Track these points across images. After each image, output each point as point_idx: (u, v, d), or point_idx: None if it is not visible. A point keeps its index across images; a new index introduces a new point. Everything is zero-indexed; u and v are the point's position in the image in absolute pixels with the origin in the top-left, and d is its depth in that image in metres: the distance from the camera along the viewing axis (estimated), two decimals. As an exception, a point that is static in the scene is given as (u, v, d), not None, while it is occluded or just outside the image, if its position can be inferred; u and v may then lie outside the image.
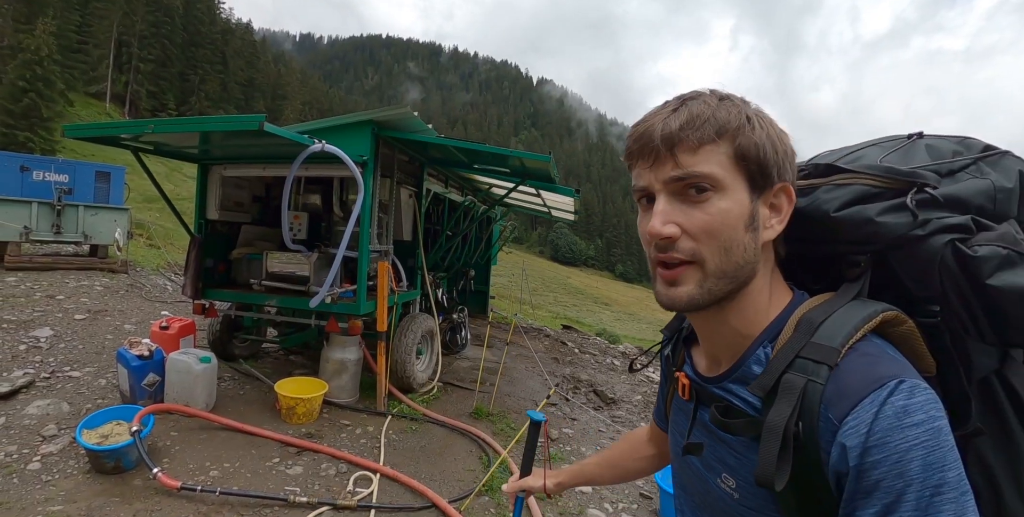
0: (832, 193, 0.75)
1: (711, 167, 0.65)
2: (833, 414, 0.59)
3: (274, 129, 3.33)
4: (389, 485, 3.60)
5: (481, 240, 9.92)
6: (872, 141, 0.84)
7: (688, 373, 0.84)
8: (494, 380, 5.91)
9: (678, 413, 0.90)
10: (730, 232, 0.66)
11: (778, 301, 0.73)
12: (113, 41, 56.37)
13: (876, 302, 0.68)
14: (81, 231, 9.07)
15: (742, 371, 0.71)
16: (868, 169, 0.74)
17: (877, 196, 0.72)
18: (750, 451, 0.68)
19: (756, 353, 0.70)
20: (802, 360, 0.63)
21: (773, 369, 0.64)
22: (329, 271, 4.19)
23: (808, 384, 0.61)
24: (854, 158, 0.79)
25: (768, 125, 0.68)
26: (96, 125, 3.89)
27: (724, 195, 0.66)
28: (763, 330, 0.71)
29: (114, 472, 3.33)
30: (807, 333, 0.65)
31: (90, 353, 5.44)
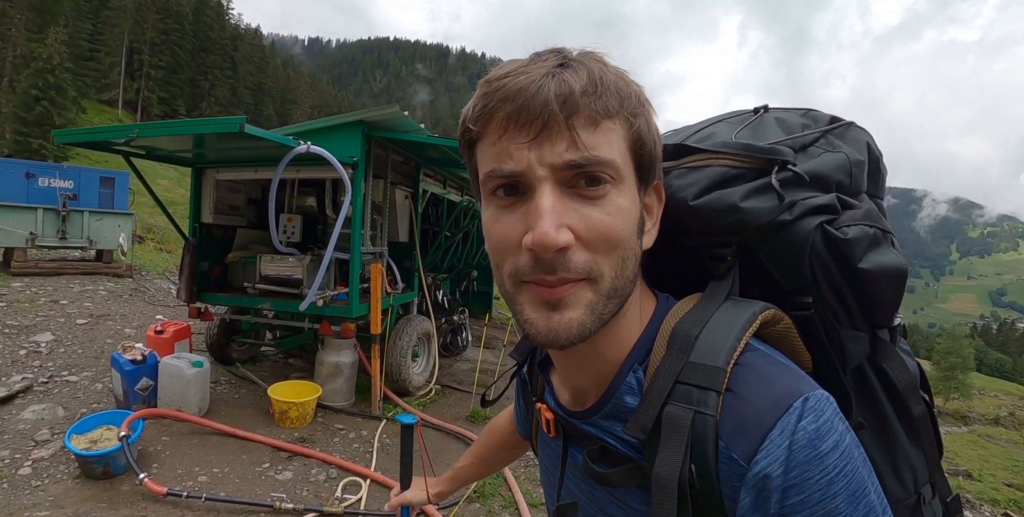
0: (687, 178, 0.63)
1: (613, 152, 0.50)
2: (738, 454, 0.48)
3: (255, 131, 3.30)
4: (379, 491, 3.55)
5: (482, 240, 9.87)
6: (717, 117, 0.75)
7: (551, 405, 0.70)
8: (492, 382, 5.84)
9: (545, 448, 0.77)
10: (628, 239, 0.52)
11: (642, 312, 0.60)
12: (124, 48, 57.19)
13: (750, 301, 0.58)
14: (86, 236, 9.14)
15: (613, 404, 0.58)
16: (725, 147, 0.63)
17: (737, 178, 0.61)
18: (636, 501, 0.58)
19: (627, 380, 0.57)
20: (683, 387, 0.52)
21: (650, 402, 0.53)
22: (319, 273, 4.15)
23: (696, 417, 0.50)
24: (704, 136, 0.69)
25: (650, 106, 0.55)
26: (84, 131, 3.89)
27: (621, 190, 0.51)
28: (630, 350, 0.58)
29: (103, 477, 3.32)
30: (683, 351, 0.53)
31: (89, 358, 5.46)
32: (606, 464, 0.59)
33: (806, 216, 0.59)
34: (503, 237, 0.52)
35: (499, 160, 0.51)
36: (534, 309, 0.52)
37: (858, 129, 0.70)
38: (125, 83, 57.63)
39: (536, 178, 0.49)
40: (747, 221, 0.59)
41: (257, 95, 77.85)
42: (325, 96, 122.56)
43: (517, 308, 0.54)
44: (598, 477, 0.59)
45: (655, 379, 0.54)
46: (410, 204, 5.91)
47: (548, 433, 0.71)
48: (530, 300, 0.52)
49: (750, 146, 0.62)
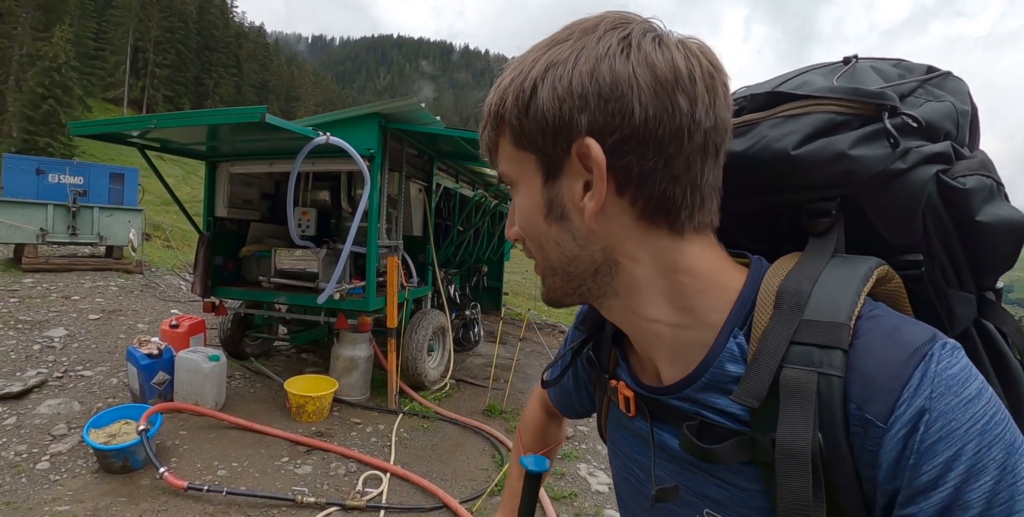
0: (783, 127, 0.58)
1: (503, 164, 0.57)
2: (872, 413, 0.44)
3: (276, 121, 3.25)
4: (399, 485, 3.51)
5: (494, 235, 9.81)
6: (803, 69, 0.69)
7: (628, 382, 0.66)
8: (507, 377, 5.81)
9: (621, 431, 0.71)
10: (531, 227, 0.57)
11: (726, 276, 0.56)
12: (129, 47, 57.34)
13: (859, 257, 0.54)
14: (96, 232, 9.13)
15: (712, 374, 0.53)
16: (831, 92, 0.57)
17: (842, 125, 0.56)
18: (743, 478, 0.53)
19: (728, 346, 0.53)
20: (801, 347, 0.47)
21: (762, 367, 0.48)
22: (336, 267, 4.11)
23: (821, 380, 0.46)
24: (797, 85, 0.63)
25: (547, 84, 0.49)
26: (100, 122, 3.85)
27: (517, 190, 0.57)
28: (727, 315, 0.54)
29: (122, 471, 3.29)
30: (795, 309, 0.49)
31: (103, 352, 5.44)
32: (708, 441, 0.53)
33: (921, 165, 0.54)
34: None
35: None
36: None
37: (956, 79, 0.64)
38: (130, 81, 57.83)
39: None
40: (857, 170, 0.54)
41: (261, 93, 78.02)
42: (329, 93, 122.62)
43: None
44: (700, 453, 0.53)
45: (764, 342, 0.49)
46: (424, 198, 5.86)
47: (626, 412, 0.66)
48: None
49: (859, 90, 0.56)
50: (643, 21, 0.51)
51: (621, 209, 0.52)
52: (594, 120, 0.48)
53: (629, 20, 0.51)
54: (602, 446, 4.76)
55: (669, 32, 0.51)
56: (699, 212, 0.53)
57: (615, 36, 0.49)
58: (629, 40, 0.49)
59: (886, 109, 0.55)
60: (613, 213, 0.52)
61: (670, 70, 0.48)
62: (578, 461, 4.30)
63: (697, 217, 0.53)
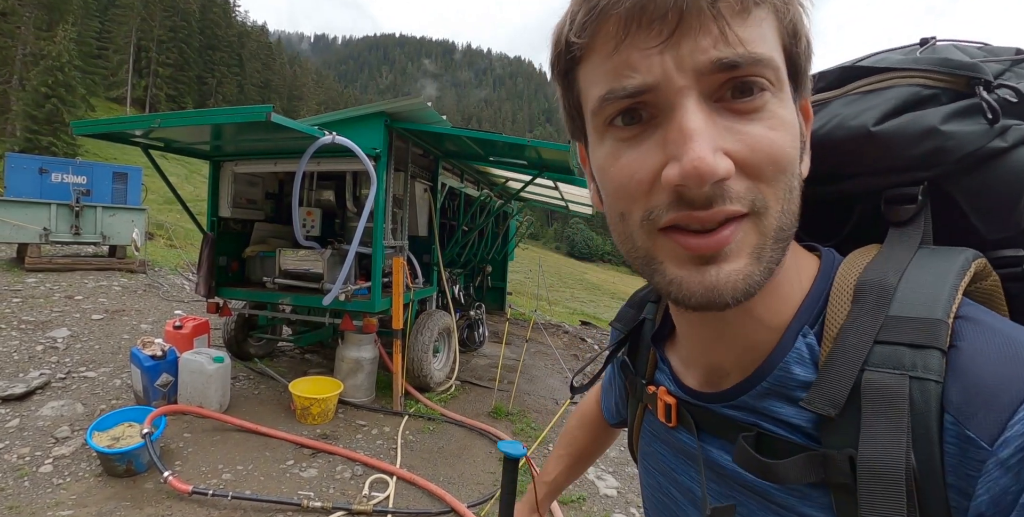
0: (860, 103, 0.52)
1: (770, 47, 0.38)
2: (976, 431, 0.35)
3: (282, 120, 3.21)
4: (406, 488, 3.47)
5: (498, 236, 9.78)
6: (884, 49, 0.62)
7: (670, 388, 0.58)
8: (513, 378, 5.76)
9: (656, 445, 0.63)
10: (795, 161, 0.41)
11: (798, 267, 0.48)
12: (132, 46, 57.33)
13: (952, 248, 0.46)
14: (99, 232, 9.11)
15: (775, 378, 0.46)
16: (917, 63, 0.51)
17: (930, 99, 0.49)
18: (809, 505, 0.44)
19: (796, 346, 0.45)
20: (887, 347, 0.40)
21: (838, 368, 0.41)
22: (342, 268, 4.07)
23: (914, 385, 0.38)
24: (874, 61, 0.57)
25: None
26: (104, 121, 3.80)
27: (782, 99, 0.40)
28: (795, 311, 0.46)
29: (126, 475, 3.25)
30: (880, 303, 0.42)
31: (106, 353, 5.41)
32: (767, 456, 0.45)
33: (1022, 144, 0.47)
34: (629, 177, 0.40)
35: (618, 75, 0.39)
36: (680, 266, 0.40)
37: None
38: (133, 81, 57.82)
39: (675, 91, 0.37)
40: (949, 148, 0.47)
41: (264, 92, 78.00)
42: (331, 92, 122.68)
43: (655, 268, 0.42)
44: (759, 469, 0.45)
45: (842, 340, 0.42)
46: (429, 197, 5.82)
47: (665, 422, 0.58)
48: (674, 255, 0.40)
49: (949, 61, 0.50)
50: None
51: None
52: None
53: None
54: (610, 449, 4.71)
55: None
56: None
57: None
58: None
59: (980, 83, 0.48)
60: None
61: None
62: (586, 464, 4.25)
63: None
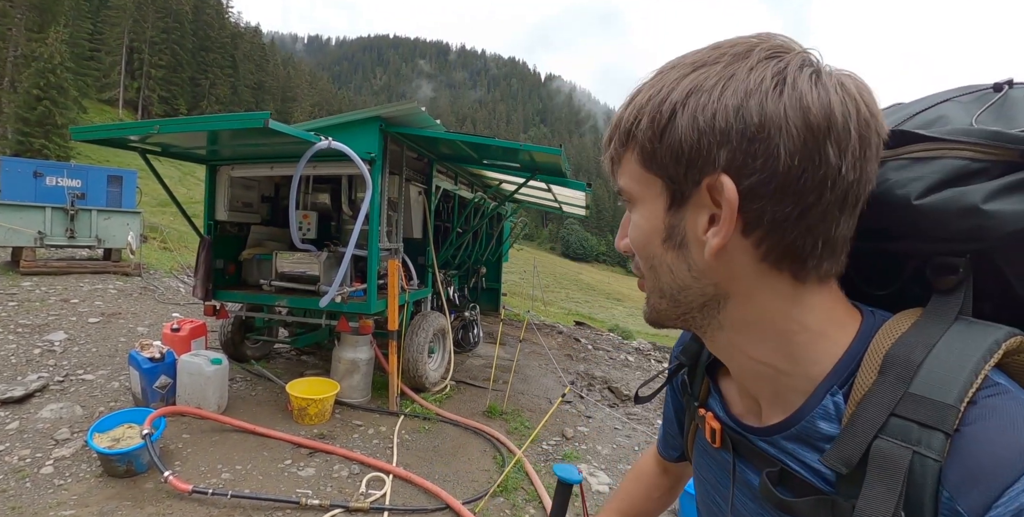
0: (909, 171, 0.52)
1: (624, 180, 0.55)
2: (965, 507, 0.41)
3: (279, 126, 3.28)
4: (402, 486, 3.54)
5: (492, 237, 9.85)
6: (943, 95, 0.61)
7: (718, 413, 0.66)
8: (507, 378, 5.84)
9: (706, 458, 0.72)
10: (647, 249, 0.55)
11: (837, 327, 0.52)
12: (124, 48, 57.14)
13: (989, 325, 0.48)
14: (94, 235, 9.12)
15: (803, 427, 0.52)
16: (966, 135, 0.50)
17: (979, 173, 0.49)
18: None
19: (823, 403, 0.51)
20: (900, 421, 0.45)
21: (857, 433, 0.46)
22: (339, 270, 4.14)
23: (916, 459, 0.43)
24: (930, 120, 0.57)
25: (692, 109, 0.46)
26: (102, 127, 3.86)
27: (635, 208, 0.55)
28: (829, 370, 0.51)
29: (126, 475, 3.31)
30: (902, 379, 0.46)
31: (103, 356, 5.45)
32: (787, 491, 0.54)
33: None
34: None
35: None
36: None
37: None
38: (125, 82, 57.61)
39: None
40: (990, 227, 0.47)
41: (257, 93, 77.81)
42: (326, 94, 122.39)
43: None
44: (780, 504, 0.54)
45: (863, 407, 0.47)
46: (423, 200, 5.89)
47: (712, 443, 0.67)
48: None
49: (1001, 134, 0.48)
50: (800, 52, 0.47)
51: (744, 249, 0.49)
52: (733, 158, 0.45)
53: (786, 49, 0.47)
54: (602, 446, 4.80)
55: (827, 67, 0.47)
56: (827, 262, 0.50)
57: (770, 68, 0.45)
58: (784, 75, 0.45)
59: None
60: (735, 252, 0.49)
61: (824, 116, 0.44)
62: (578, 462, 4.33)
63: (824, 266, 0.50)
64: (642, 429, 5.51)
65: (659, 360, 11.57)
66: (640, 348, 13.07)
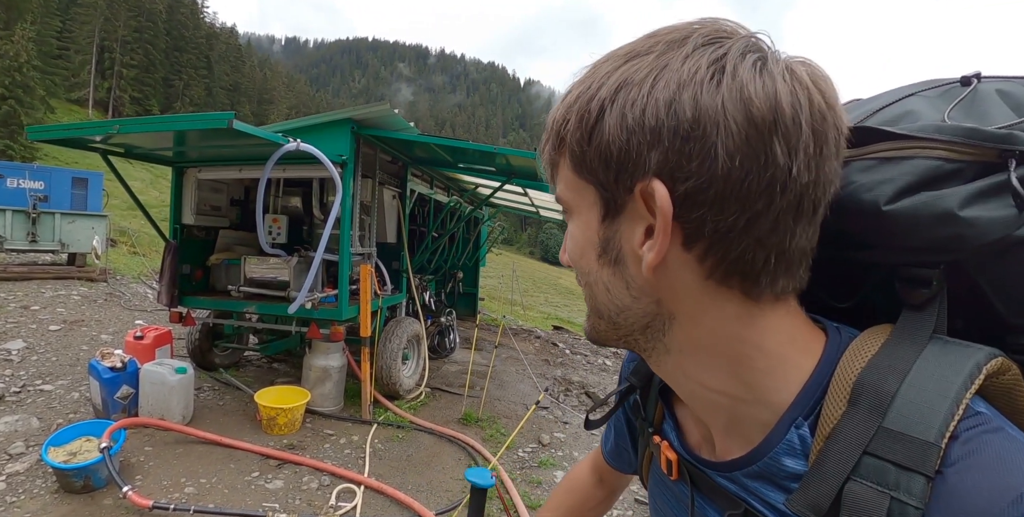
0: (876, 172, 0.47)
1: (560, 187, 0.50)
2: None
3: (244, 127, 3.19)
4: (373, 498, 3.46)
5: (469, 241, 9.79)
6: (906, 89, 0.56)
7: (674, 444, 0.61)
8: (483, 384, 5.78)
9: (662, 488, 0.67)
10: (582, 263, 0.50)
11: (799, 349, 0.47)
12: (95, 46, 55.83)
13: (966, 345, 0.43)
14: (58, 239, 8.84)
15: (766, 464, 0.47)
16: (939, 133, 0.45)
17: (952, 175, 0.44)
18: None
19: (788, 437, 0.46)
20: (875, 461, 0.40)
21: (826, 474, 0.42)
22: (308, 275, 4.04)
23: (894, 506, 0.38)
24: (896, 115, 0.51)
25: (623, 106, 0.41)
26: (61, 126, 3.71)
27: (572, 219, 0.51)
28: (793, 399, 0.46)
29: (83, 491, 3.16)
30: (875, 411, 0.41)
31: (64, 365, 5.25)
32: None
33: None
34: None
35: None
36: None
37: None
38: (96, 82, 56.25)
39: None
40: (968, 236, 0.42)
41: (233, 95, 76.66)
42: (303, 96, 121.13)
43: None
44: None
45: (832, 444, 0.42)
46: (398, 204, 5.81)
47: (669, 475, 0.61)
48: None
49: (977, 131, 0.44)
50: (745, 36, 0.41)
51: (686, 264, 0.44)
52: (665, 160, 0.40)
53: (727, 34, 0.41)
54: (579, 452, 4.76)
55: (776, 53, 0.41)
56: (783, 278, 0.44)
57: (707, 55, 0.40)
58: (723, 63, 0.39)
59: (1014, 156, 0.43)
60: (676, 267, 0.44)
61: (769, 108, 0.38)
62: (555, 469, 4.29)
63: (780, 283, 0.44)
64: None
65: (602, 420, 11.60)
66: (618, 352, 13.11)
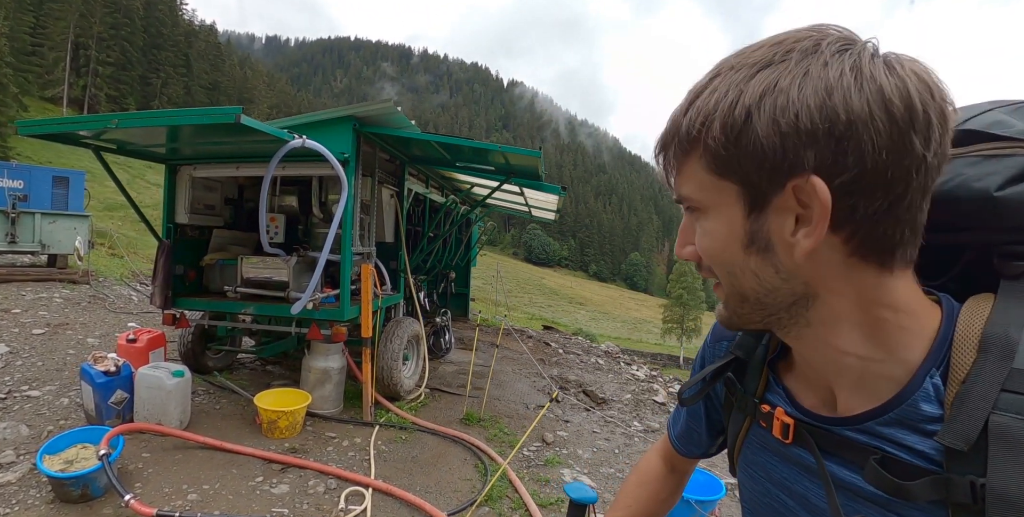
0: (982, 166, 0.56)
1: (689, 188, 0.55)
2: None
3: (252, 122, 3.10)
4: (383, 500, 3.39)
5: (462, 241, 9.73)
6: (984, 105, 0.64)
7: (787, 408, 0.65)
8: (481, 384, 5.73)
9: (766, 456, 0.69)
10: (724, 256, 0.54)
11: (922, 314, 0.54)
12: (70, 43, 54.53)
13: None
14: (38, 240, 8.58)
15: (903, 410, 0.52)
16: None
17: None
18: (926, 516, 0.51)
19: (924, 386, 0.51)
20: (1013, 395, 0.46)
21: (971, 409, 0.47)
22: (311, 275, 3.96)
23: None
24: (989, 123, 0.60)
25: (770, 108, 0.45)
26: (53, 120, 3.57)
27: (707, 215, 0.54)
28: (925, 354, 0.53)
29: (81, 500, 3.05)
30: (1005, 356, 0.48)
31: (50, 370, 5.08)
32: (897, 475, 0.52)
33: None
34: None
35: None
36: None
37: None
38: (71, 80, 54.93)
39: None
40: None
41: (212, 94, 75.38)
42: (284, 96, 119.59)
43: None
44: (897, 489, 0.51)
45: (972, 385, 0.48)
46: (395, 203, 5.74)
47: (782, 439, 0.64)
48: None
49: None
50: (866, 42, 0.47)
51: (832, 246, 0.50)
52: (823, 158, 0.45)
53: (853, 40, 0.47)
54: (582, 450, 4.74)
55: (891, 55, 0.47)
56: (911, 248, 0.51)
57: (845, 62, 0.45)
58: (859, 67, 0.45)
59: None
60: (824, 249, 0.50)
61: (906, 107, 0.44)
62: (561, 466, 4.26)
63: (909, 253, 0.51)
64: (621, 430, 5.48)
65: (628, 362, 11.66)
66: (609, 351, 13.17)
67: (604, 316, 50.79)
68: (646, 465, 1.02)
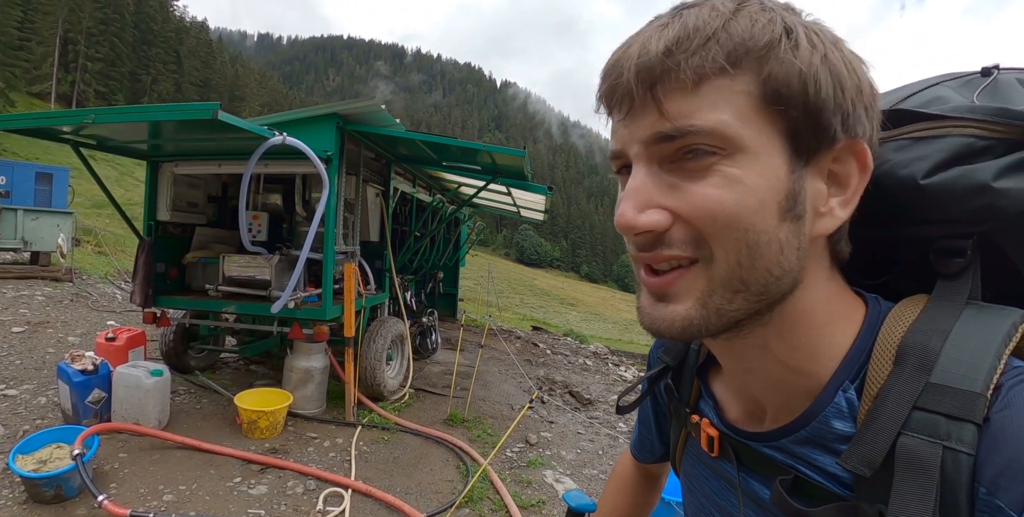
0: (910, 150, 0.50)
1: (719, 115, 0.41)
2: (1007, 501, 0.37)
3: (230, 119, 3.07)
4: (362, 501, 3.37)
5: (449, 241, 9.71)
6: (928, 81, 0.59)
7: (713, 420, 0.61)
8: (467, 384, 5.71)
9: (700, 468, 0.66)
10: (752, 219, 0.42)
11: (844, 317, 0.49)
12: (58, 38, 53.88)
13: (1001, 308, 0.45)
14: (20, 237, 8.47)
15: (814, 428, 0.48)
16: (971, 112, 0.48)
17: (984, 151, 0.47)
18: None
19: (836, 401, 0.47)
20: (924, 414, 0.41)
21: (878, 430, 0.42)
22: (292, 274, 3.92)
23: (947, 455, 0.39)
24: (926, 100, 0.54)
25: (828, 42, 0.43)
26: (30, 115, 3.53)
27: (742, 162, 0.42)
28: (838, 365, 0.48)
29: (54, 501, 3.00)
30: (921, 369, 0.43)
31: (29, 369, 5.01)
32: (802, 499, 0.48)
33: None
34: (616, 219, 0.45)
35: (612, 140, 0.48)
36: (646, 296, 0.48)
37: None
38: (59, 75, 54.28)
39: (632, 156, 0.46)
40: (1001, 206, 0.45)
41: (203, 91, 74.85)
42: (276, 94, 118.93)
43: (638, 293, 0.50)
44: (795, 514, 0.47)
45: (882, 402, 0.43)
46: (381, 202, 5.71)
47: (709, 452, 0.60)
48: (644, 286, 0.48)
49: (1007, 111, 0.47)
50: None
51: None
52: (866, 119, 0.45)
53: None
54: (566, 451, 4.74)
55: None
56: (846, 242, 0.50)
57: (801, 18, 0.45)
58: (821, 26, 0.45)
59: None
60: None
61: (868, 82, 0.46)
62: (544, 468, 4.25)
63: (847, 247, 0.50)
64: (606, 431, 5.48)
65: (616, 363, 11.68)
66: (597, 352, 13.18)
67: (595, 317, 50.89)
68: (622, 471, 1.00)
